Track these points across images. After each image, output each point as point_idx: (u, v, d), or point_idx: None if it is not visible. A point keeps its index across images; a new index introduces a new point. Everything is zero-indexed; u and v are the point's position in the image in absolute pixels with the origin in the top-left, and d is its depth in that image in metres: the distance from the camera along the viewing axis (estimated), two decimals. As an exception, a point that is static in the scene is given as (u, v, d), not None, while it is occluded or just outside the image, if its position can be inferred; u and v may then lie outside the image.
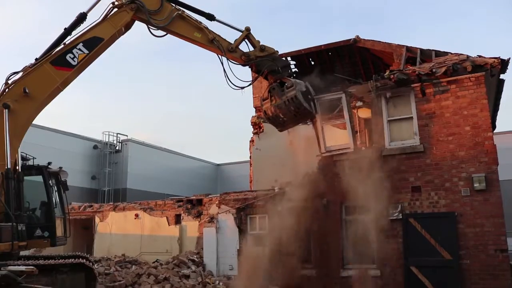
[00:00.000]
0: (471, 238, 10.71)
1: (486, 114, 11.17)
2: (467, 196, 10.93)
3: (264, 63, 10.81)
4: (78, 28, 10.58)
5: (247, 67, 11.16)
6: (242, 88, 10.99)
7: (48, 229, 11.01)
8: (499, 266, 10.37)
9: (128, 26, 10.93)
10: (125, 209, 18.09)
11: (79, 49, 10.28)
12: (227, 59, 10.80)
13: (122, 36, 10.98)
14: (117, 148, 33.16)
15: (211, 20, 10.98)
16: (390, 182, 11.82)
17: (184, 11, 10.82)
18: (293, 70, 18.31)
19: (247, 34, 10.87)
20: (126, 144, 33.35)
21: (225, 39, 10.87)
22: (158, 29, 10.68)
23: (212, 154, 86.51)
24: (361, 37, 15.06)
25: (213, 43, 10.71)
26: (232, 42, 10.93)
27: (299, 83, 10.72)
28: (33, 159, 11.74)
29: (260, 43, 10.88)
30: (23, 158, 11.41)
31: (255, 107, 17.35)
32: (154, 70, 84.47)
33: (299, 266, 12.66)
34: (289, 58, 18.02)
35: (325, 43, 16.39)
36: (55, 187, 11.83)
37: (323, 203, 12.62)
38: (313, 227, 12.78)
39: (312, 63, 18.12)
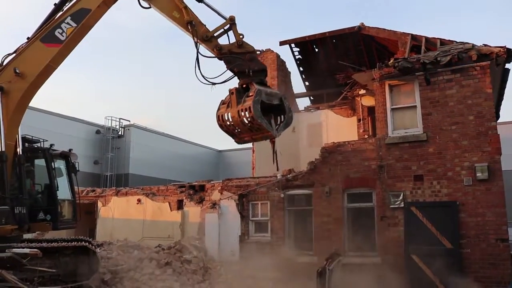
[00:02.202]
0: (472, 227, 10.76)
1: (491, 103, 11.14)
2: (469, 185, 10.95)
3: (234, 60, 9.02)
4: (69, 3, 10.16)
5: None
6: (213, 84, 9.16)
7: (51, 212, 11.04)
8: (499, 255, 10.43)
9: None
10: (127, 194, 18.15)
11: (67, 23, 9.79)
12: (197, 49, 9.22)
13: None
14: (119, 133, 33.10)
15: (199, 2, 9.74)
16: (393, 170, 11.86)
17: None
18: (297, 57, 18.47)
19: (230, 25, 9.31)
20: (128, 129, 33.26)
21: (204, 25, 9.41)
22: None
23: (214, 140, 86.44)
24: (366, 24, 15.00)
25: (188, 26, 9.30)
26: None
27: (269, 93, 8.72)
28: (43, 141, 11.67)
29: (242, 38, 9.18)
30: (30, 141, 11.38)
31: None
32: (157, 55, 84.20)
33: (300, 253, 12.76)
34: (293, 45, 18.04)
35: (330, 30, 16.33)
36: (66, 169, 11.83)
37: (325, 190, 12.66)
38: (315, 214, 12.85)
39: (316, 50, 18.07)
